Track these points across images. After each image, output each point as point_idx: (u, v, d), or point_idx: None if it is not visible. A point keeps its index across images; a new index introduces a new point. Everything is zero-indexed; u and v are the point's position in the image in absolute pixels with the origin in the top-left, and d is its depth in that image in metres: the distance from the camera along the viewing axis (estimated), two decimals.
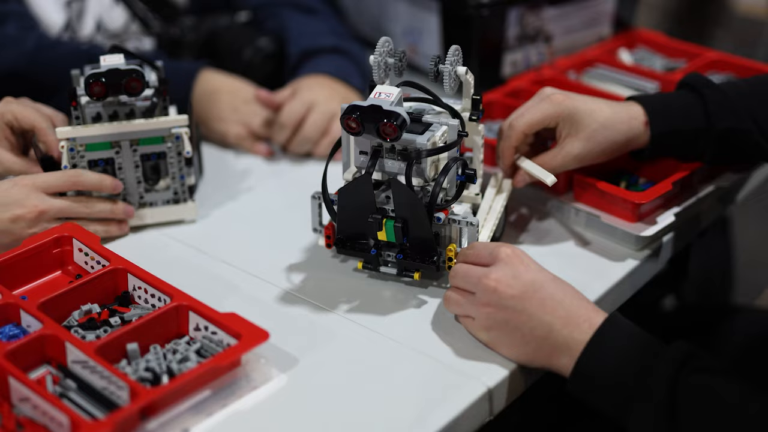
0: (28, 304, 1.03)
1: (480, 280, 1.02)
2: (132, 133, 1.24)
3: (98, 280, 1.09)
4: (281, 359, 1.03)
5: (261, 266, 1.19)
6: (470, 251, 1.07)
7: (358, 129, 1.06)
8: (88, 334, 1.03)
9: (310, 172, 1.42)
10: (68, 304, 1.07)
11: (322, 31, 1.60)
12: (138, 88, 1.22)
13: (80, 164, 1.24)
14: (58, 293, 1.06)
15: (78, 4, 1.67)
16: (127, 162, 1.26)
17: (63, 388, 0.97)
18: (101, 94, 1.22)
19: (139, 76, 1.22)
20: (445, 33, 1.56)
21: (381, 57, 1.14)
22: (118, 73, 1.22)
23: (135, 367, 0.98)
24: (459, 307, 1.06)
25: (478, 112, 1.16)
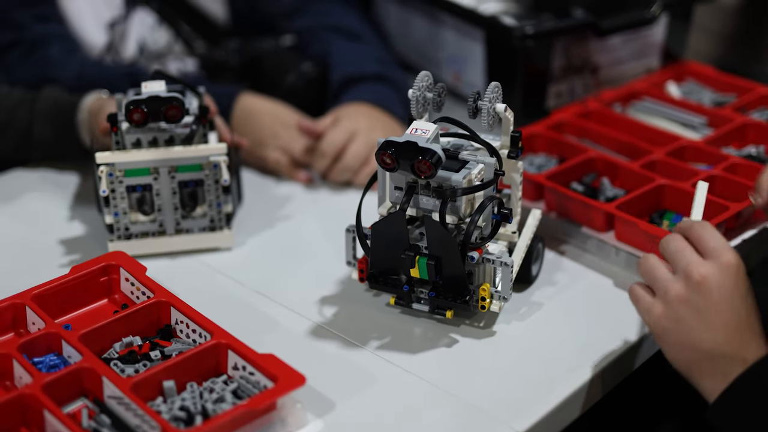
0: (70, 335, 1.02)
1: (689, 265, 0.95)
2: (170, 160, 1.24)
3: (141, 312, 1.08)
4: (315, 402, 1.02)
5: (294, 298, 1.18)
6: (700, 230, 0.98)
7: (392, 165, 1.05)
8: (128, 367, 1.02)
9: (349, 201, 1.40)
10: (110, 336, 1.06)
11: (366, 58, 1.59)
12: (177, 116, 1.22)
13: (118, 189, 1.24)
14: (100, 325, 1.05)
15: (121, 26, 1.68)
16: (165, 188, 1.25)
17: (97, 423, 0.96)
18: (141, 120, 1.22)
19: (179, 103, 1.22)
20: (490, 62, 1.54)
21: (420, 92, 1.13)
22: (158, 101, 1.22)
23: (170, 405, 0.97)
24: (652, 277, 0.98)
25: (517, 150, 1.14)
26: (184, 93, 1.29)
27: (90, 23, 1.67)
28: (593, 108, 1.49)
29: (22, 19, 1.61)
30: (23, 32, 1.61)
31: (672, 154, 1.37)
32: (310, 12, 1.71)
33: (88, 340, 1.02)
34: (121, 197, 1.25)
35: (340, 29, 1.66)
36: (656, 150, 1.37)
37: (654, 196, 1.29)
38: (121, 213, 1.25)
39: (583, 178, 1.36)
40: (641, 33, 1.60)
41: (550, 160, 1.41)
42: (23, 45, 1.61)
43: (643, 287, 1.00)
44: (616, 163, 1.35)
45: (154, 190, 1.25)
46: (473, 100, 1.11)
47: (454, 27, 1.60)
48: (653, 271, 0.99)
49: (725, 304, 0.94)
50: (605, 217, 1.25)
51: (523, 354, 1.08)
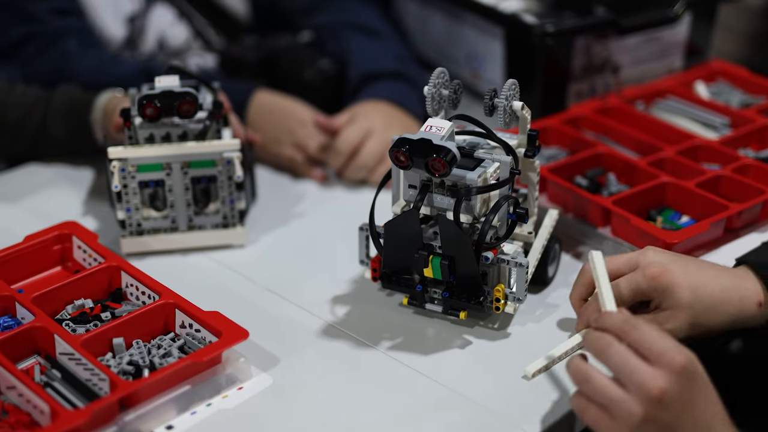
0: (24, 297, 1.07)
1: (644, 381, 0.85)
2: (183, 155, 1.23)
3: (93, 276, 1.12)
4: (326, 404, 1.01)
5: (306, 297, 1.17)
6: (638, 335, 0.88)
7: (406, 163, 1.03)
8: (79, 327, 1.07)
9: (363, 199, 1.39)
10: (62, 299, 1.11)
11: (384, 55, 1.58)
12: (191, 111, 1.21)
13: (131, 185, 1.23)
14: (53, 287, 1.10)
15: (140, 20, 1.67)
16: (178, 184, 1.24)
17: (48, 377, 1.01)
18: (154, 116, 1.21)
19: (192, 98, 1.20)
20: (509, 60, 1.52)
21: (435, 88, 1.11)
22: (171, 96, 1.21)
23: (119, 360, 1.02)
24: (604, 398, 0.88)
25: (534, 149, 1.12)
26: (198, 88, 1.28)
27: (109, 17, 1.66)
28: (613, 104, 1.47)
29: (40, 12, 1.60)
30: (41, 26, 1.60)
31: (683, 152, 1.35)
32: (329, 8, 1.70)
33: (41, 302, 1.07)
34: (133, 193, 1.24)
35: (359, 26, 1.64)
36: (667, 148, 1.35)
37: (657, 193, 1.28)
38: (133, 209, 1.24)
39: (589, 172, 1.34)
40: (664, 32, 1.58)
41: (560, 153, 1.39)
42: (41, 38, 1.60)
43: (595, 408, 0.89)
44: (623, 159, 1.33)
45: (167, 186, 1.24)
46: (489, 97, 1.09)
47: (473, 24, 1.58)
48: (604, 391, 0.88)
49: (692, 411, 0.86)
50: (603, 212, 1.23)
51: (538, 357, 1.06)
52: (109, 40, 1.66)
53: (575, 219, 1.26)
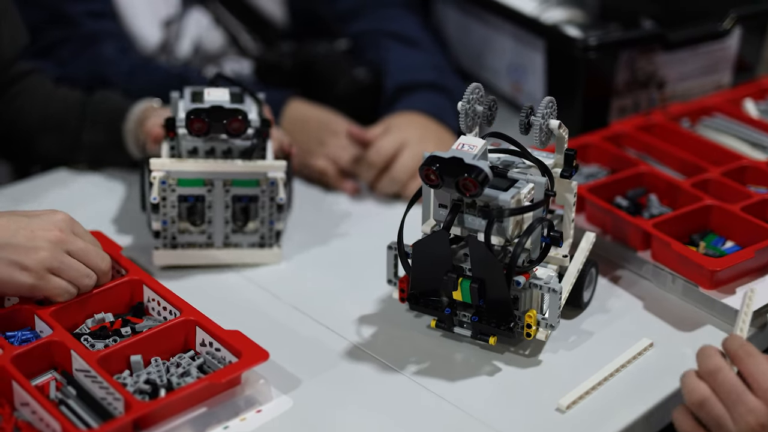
0: (42, 310, 1.04)
1: (748, 412, 0.86)
2: (228, 173, 1.19)
3: (114, 290, 1.10)
4: (340, 419, 0.97)
5: (332, 315, 1.13)
6: (752, 365, 0.89)
7: (437, 182, 0.99)
8: (98, 342, 1.04)
9: (395, 214, 1.34)
10: (83, 312, 1.08)
11: (422, 65, 1.54)
12: (240, 130, 1.17)
13: (170, 198, 1.20)
14: (73, 301, 1.07)
15: (176, 24, 1.65)
16: (218, 201, 1.21)
17: (64, 394, 0.98)
18: (202, 131, 1.17)
19: (242, 117, 1.17)
20: (550, 73, 1.48)
21: (469, 104, 1.07)
22: (222, 112, 1.17)
23: (136, 378, 0.99)
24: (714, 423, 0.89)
25: (571, 169, 1.08)
26: (243, 98, 1.25)
27: (145, 20, 1.64)
28: (657, 121, 1.42)
29: (76, 14, 1.59)
30: (76, 28, 1.59)
31: (729, 174, 1.30)
32: (367, 16, 1.67)
33: (61, 316, 1.05)
34: (171, 206, 1.20)
35: (397, 35, 1.60)
36: (713, 169, 1.30)
37: (700, 216, 1.22)
38: (169, 221, 1.21)
39: (630, 193, 1.29)
40: (712, 47, 1.52)
41: (600, 171, 1.35)
42: (76, 41, 1.59)
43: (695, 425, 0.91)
44: (666, 179, 1.28)
45: (207, 202, 1.21)
46: (525, 115, 1.05)
47: (514, 35, 1.53)
48: (713, 413, 0.89)
49: None
50: (643, 236, 1.18)
51: (570, 387, 1.02)
52: (144, 44, 1.64)
53: (614, 241, 1.22)
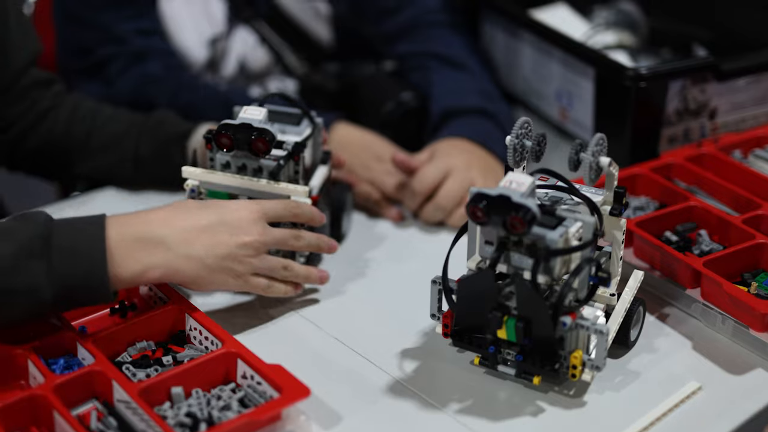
0: (85, 338, 1.05)
1: None
2: (250, 191, 1.19)
3: (156, 318, 1.10)
4: None
5: (374, 348, 1.12)
6: None
7: (483, 219, 0.98)
8: (139, 371, 1.04)
9: (440, 242, 1.33)
10: (124, 340, 1.08)
11: (469, 90, 1.52)
12: (263, 150, 1.17)
13: None
14: (115, 329, 1.07)
15: (222, 43, 1.65)
16: None
17: (104, 425, 0.98)
18: (227, 146, 1.18)
19: (268, 137, 1.16)
20: (599, 101, 1.45)
21: (518, 139, 1.06)
22: (249, 130, 1.17)
23: (176, 411, 0.98)
24: None
25: (621, 207, 1.06)
26: (301, 120, 1.25)
27: (192, 39, 1.64)
28: (708, 152, 1.39)
29: (125, 32, 1.60)
30: (125, 45, 1.60)
31: None
32: (414, 37, 1.65)
33: (103, 343, 1.05)
34: None
35: (444, 57, 1.59)
36: (766, 205, 1.26)
37: (752, 254, 1.19)
38: None
39: (679, 227, 1.26)
40: (767, 76, 1.49)
41: (649, 204, 1.32)
42: (124, 58, 1.59)
43: None
44: (717, 214, 1.25)
45: None
46: (576, 152, 1.03)
47: (563, 61, 1.51)
48: None
49: None
50: (693, 273, 1.15)
51: (616, 429, 1.00)
52: (191, 62, 1.64)
53: (662, 278, 1.19)
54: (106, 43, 1.60)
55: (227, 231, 1.09)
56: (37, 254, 0.99)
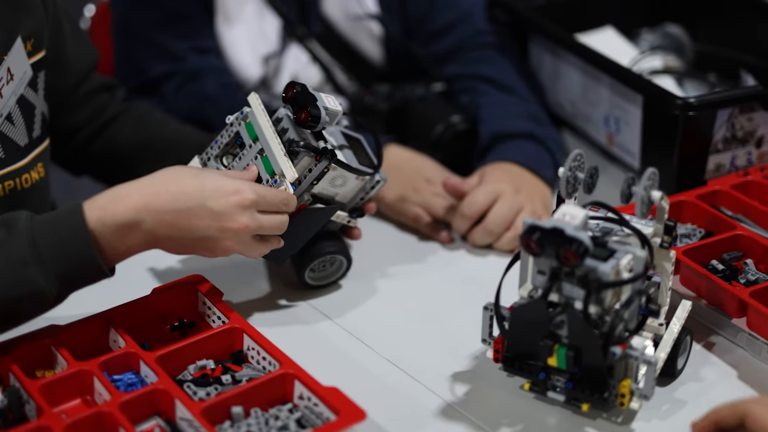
0: (148, 355, 1.08)
1: None
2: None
3: (215, 337, 1.13)
4: None
5: (425, 370, 1.15)
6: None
7: (537, 250, 1.01)
8: (200, 390, 1.07)
9: (489, 265, 1.36)
10: (185, 358, 1.12)
11: (518, 114, 1.55)
12: (303, 120, 1.18)
13: None
14: (176, 347, 1.11)
15: (275, 60, 1.68)
16: None
17: None
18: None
19: (312, 110, 1.18)
20: (647, 127, 1.48)
21: (571, 171, 1.08)
22: (308, 97, 1.19)
23: (236, 430, 1.02)
24: None
25: (671, 239, 1.08)
26: (361, 143, 1.27)
27: (247, 57, 1.68)
28: (754, 180, 1.41)
29: (182, 50, 1.64)
30: (181, 64, 1.63)
31: None
32: (463, 59, 1.68)
33: (165, 362, 1.08)
34: None
35: (492, 80, 1.61)
36: None
37: None
38: None
39: (726, 255, 1.28)
40: None
41: (695, 231, 1.34)
42: (179, 76, 1.63)
43: None
44: (764, 243, 1.27)
45: None
46: (627, 185, 1.06)
47: (611, 86, 1.53)
48: None
49: None
50: (739, 303, 1.17)
51: None
52: (244, 80, 1.68)
53: (709, 306, 1.22)
54: (162, 61, 1.64)
55: (209, 216, 1.09)
56: (30, 260, 1.04)
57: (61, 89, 1.39)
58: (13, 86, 1.26)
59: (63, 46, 1.38)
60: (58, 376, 1.06)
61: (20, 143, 1.29)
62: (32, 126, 1.31)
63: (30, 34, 1.27)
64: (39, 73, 1.31)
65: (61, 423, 0.99)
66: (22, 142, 1.30)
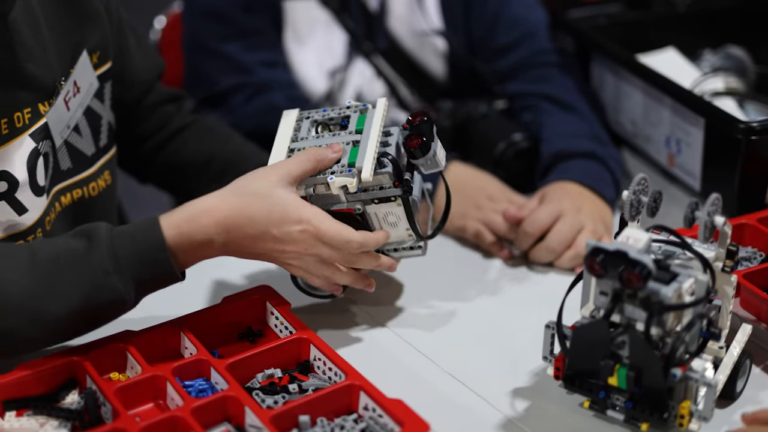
0: (218, 363, 1.12)
1: None
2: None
3: (284, 347, 1.17)
4: None
5: (487, 385, 1.18)
6: None
7: (600, 272, 1.03)
8: (267, 398, 1.11)
9: (549, 282, 1.39)
10: (254, 367, 1.16)
11: (580, 133, 1.57)
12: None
13: None
14: (246, 355, 1.15)
15: (341, 74, 1.72)
16: None
17: None
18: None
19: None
20: (708, 150, 1.49)
21: (635, 195, 1.10)
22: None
23: None
24: None
25: (733, 264, 1.10)
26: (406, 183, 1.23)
27: (313, 71, 1.72)
28: None
29: (251, 63, 1.68)
30: (250, 76, 1.67)
31: None
32: (526, 76, 1.71)
33: (234, 369, 1.12)
34: None
35: (555, 99, 1.64)
36: None
37: None
38: None
39: None
40: None
41: (756, 255, 1.35)
42: (248, 88, 1.67)
43: None
44: None
45: None
46: (691, 210, 1.08)
47: (672, 107, 1.55)
48: None
49: None
50: None
51: None
52: (310, 93, 1.72)
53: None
54: (231, 74, 1.69)
55: (272, 241, 1.15)
56: (111, 270, 1.10)
57: (126, 101, 1.43)
58: (79, 98, 1.31)
59: (128, 58, 1.42)
60: (132, 380, 1.10)
61: (87, 153, 1.34)
62: (99, 136, 1.36)
63: (96, 46, 1.32)
64: (105, 83, 1.35)
65: (135, 426, 1.03)
66: (89, 151, 1.35)
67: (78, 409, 1.09)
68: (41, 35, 1.24)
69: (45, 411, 1.08)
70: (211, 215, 1.14)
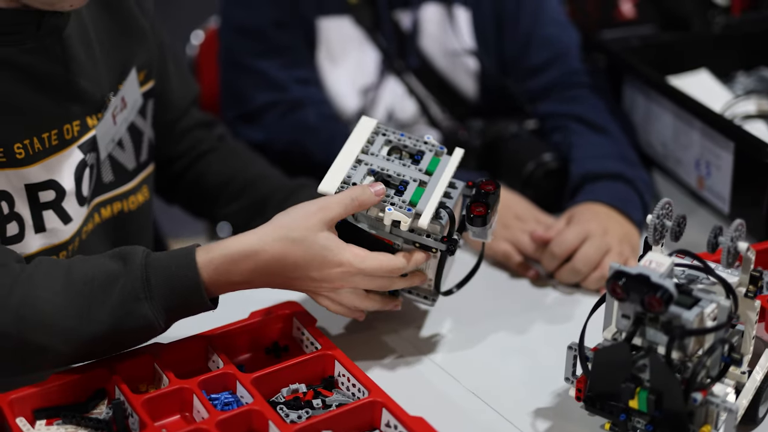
0: (244, 377, 1.14)
1: None
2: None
3: (308, 362, 1.19)
4: None
5: (508, 405, 1.19)
6: None
7: (623, 295, 1.04)
8: (292, 413, 1.12)
9: (574, 303, 1.39)
10: (279, 381, 1.17)
11: (608, 155, 1.57)
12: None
13: None
14: (271, 370, 1.16)
15: (373, 92, 1.74)
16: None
17: None
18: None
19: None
20: (738, 174, 1.49)
21: (659, 219, 1.11)
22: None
23: None
24: None
25: (756, 290, 1.10)
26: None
27: (346, 88, 1.74)
28: None
29: (284, 80, 1.70)
30: (284, 93, 1.70)
31: None
32: (557, 97, 1.72)
33: (260, 384, 1.14)
34: None
35: (585, 120, 1.64)
36: None
37: None
38: None
39: None
40: None
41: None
42: (282, 106, 1.69)
43: None
44: None
45: None
46: (714, 235, 1.08)
47: (702, 131, 1.55)
48: None
49: None
50: None
51: None
52: (342, 110, 1.74)
53: None
54: (266, 91, 1.71)
55: (310, 280, 1.16)
56: (143, 297, 1.11)
57: (162, 122, 1.46)
58: (125, 114, 1.34)
59: (167, 80, 1.45)
60: (160, 392, 1.12)
61: (128, 167, 1.37)
62: (140, 151, 1.39)
63: (143, 65, 1.35)
64: (148, 100, 1.39)
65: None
66: (131, 166, 1.37)
67: (106, 419, 1.11)
68: (92, 51, 1.27)
69: (74, 420, 1.11)
70: (251, 260, 1.14)
